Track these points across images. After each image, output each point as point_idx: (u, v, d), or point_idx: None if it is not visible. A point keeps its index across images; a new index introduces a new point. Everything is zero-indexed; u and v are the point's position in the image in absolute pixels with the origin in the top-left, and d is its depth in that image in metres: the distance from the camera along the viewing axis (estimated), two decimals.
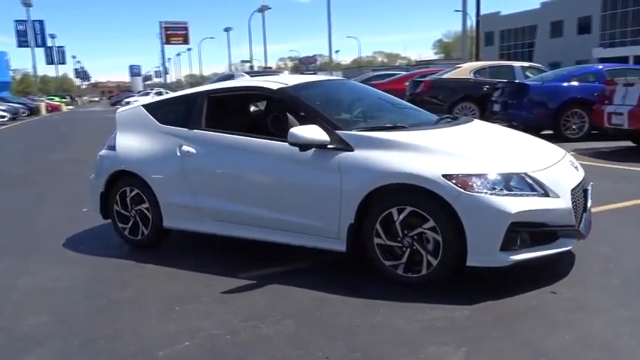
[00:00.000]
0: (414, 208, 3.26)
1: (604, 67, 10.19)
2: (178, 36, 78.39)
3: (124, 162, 4.47)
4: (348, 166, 3.45)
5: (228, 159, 3.97)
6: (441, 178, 3.15)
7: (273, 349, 2.71)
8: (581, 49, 50.64)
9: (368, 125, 3.78)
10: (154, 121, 4.47)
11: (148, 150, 4.36)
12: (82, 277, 3.94)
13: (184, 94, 4.54)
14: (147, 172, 4.32)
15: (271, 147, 3.78)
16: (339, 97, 4.35)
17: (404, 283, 3.38)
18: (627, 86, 7.97)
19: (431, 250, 3.27)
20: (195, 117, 4.24)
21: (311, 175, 3.58)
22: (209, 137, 4.10)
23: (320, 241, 3.65)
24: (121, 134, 4.63)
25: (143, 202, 4.42)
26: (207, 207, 4.07)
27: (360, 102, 4.49)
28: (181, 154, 4.16)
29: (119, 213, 4.58)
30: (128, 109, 4.85)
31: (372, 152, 3.41)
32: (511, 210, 3.07)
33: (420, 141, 3.45)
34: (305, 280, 3.59)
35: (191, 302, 3.35)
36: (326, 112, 3.76)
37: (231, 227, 4.02)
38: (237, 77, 4.78)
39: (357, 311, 3.09)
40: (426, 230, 3.25)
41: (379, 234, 3.40)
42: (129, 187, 4.48)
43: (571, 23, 56.44)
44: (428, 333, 2.78)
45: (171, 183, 4.22)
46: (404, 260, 3.37)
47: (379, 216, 3.38)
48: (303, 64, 70.69)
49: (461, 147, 3.45)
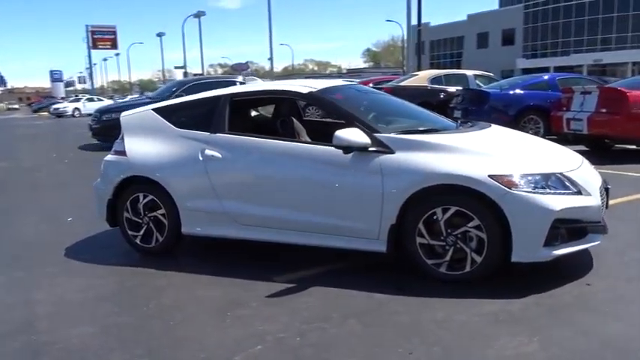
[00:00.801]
0: (458, 208, 3.39)
1: (556, 77, 10.89)
2: (106, 40, 75.23)
3: (137, 167, 4.32)
4: (390, 168, 3.53)
5: (260, 163, 3.94)
6: (487, 179, 3.30)
7: (352, 348, 2.74)
8: (505, 60, 53.55)
9: (403, 128, 3.87)
10: (169, 125, 4.35)
11: (165, 155, 4.24)
12: (106, 288, 3.77)
13: (203, 97, 4.45)
14: (164, 178, 4.20)
15: (310, 150, 3.80)
16: (360, 101, 4.42)
17: (447, 280, 3.49)
18: (585, 94, 8.58)
19: (474, 248, 3.41)
20: (218, 120, 4.17)
21: (352, 178, 3.63)
22: (237, 141, 4.05)
23: (359, 242, 3.71)
24: (130, 139, 4.47)
25: (158, 208, 4.29)
26: (234, 211, 4.02)
27: (377, 105, 4.57)
28: (204, 158, 4.08)
29: (130, 220, 4.42)
30: (134, 112, 4.69)
31: (415, 154, 3.51)
32: (555, 207, 3.26)
33: (459, 143, 3.59)
34: (347, 281, 3.63)
35: (241, 307, 3.30)
36: (362, 116, 3.83)
37: (262, 231, 3.99)
38: (247, 81, 4.68)
39: (414, 309, 3.16)
40: (471, 229, 3.39)
41: (422, 233, 3.51)
42: (142, 193, 4.34)
43: (496, 35, 59.63)
44: (494, 326, 2.90)
45: (192, 188, 4.13)
46: (447, 258, 3.48)
47: (422, 216, 3.48)
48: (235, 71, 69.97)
49: (498, 149, 3.63)
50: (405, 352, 2.67)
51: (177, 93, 12.47)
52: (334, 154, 3.67)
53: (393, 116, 4.48)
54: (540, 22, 54.71)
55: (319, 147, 3.76)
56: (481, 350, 2.66)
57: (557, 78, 10.68)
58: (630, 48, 46.66)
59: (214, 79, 13.81)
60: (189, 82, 13.17)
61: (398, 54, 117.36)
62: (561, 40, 52.78)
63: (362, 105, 4.22)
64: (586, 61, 49.08)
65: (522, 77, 11.86)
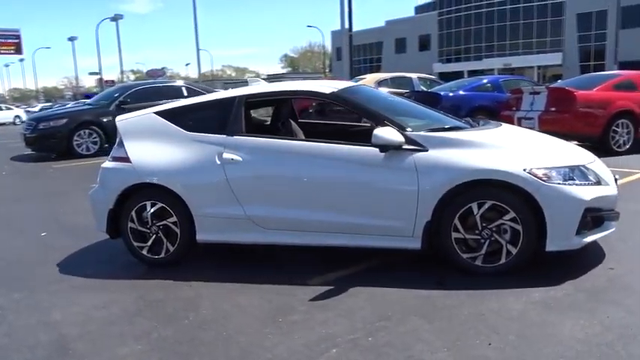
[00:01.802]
0: (494, 202, 3.50)
1: (499, 79, 11.52)
2: (9, 45, 70.07)
3: (145, 174, 4.08)
4: (425, 165, 3.58)
5: (286, 164, 3.85)
6: (523, 173, 3.43)
7: (431, 343, 2.75)
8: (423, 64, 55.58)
9: (427, 126, 3.93)
10: (178, 128, 4.15)
11: (177, 160, 4.04)
12: (130, 303, 3.53)
13: (214, 99, 4.28)
14: (177, 184, 4.00)
15: (340, 150, 3.76)
16: (378, 101, 4.41)
17: (484, 273, 3.59)
18: (534, 94, 9.13)
19: (509, 240, 3.53)
20: (235, 122, 4.03)
21: (386, 177, 3.65)
22: (258, 143, 3.94)
23: (393, 240, 3.73)
24: (132, 144, 4.22)
25: (169, 216, 4.08)
26: (258, 215, 3.90)
27: (391, 105, 4.57)
28: (222, 162, 3.93)
29: (135, 230, 4.17)
30: (133, 117, 4.41)
31: (448, 151, 3.59)
32: (585, 197, 3.46)
33: (487, 139, 3.71)
34: (384, 279, 3.64)
35: (290, 313, 3.21)
36: (392, 115, 3.86)
37: (287, 234, 3.90)
38: (251, 83, 4.50)
39: (466, 302, 3.22)
40: (506, 221, 3.51)
41: (457, 228, 3.59)
42: (150, 200, 4.11)
43: (413, 40, 61.97)
44: (551, 312, 3.02)
45: (210, 193, 3.97)
46: (483, 252, 3.59)
47: (458, 211, 3.56)
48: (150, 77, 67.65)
49: (523, 144, 3.79)
50: (483, 342, 2.72)
51: (120, 99, 11.90)
52: (367, 153, 3.67)
53: (408, 116, 4.48)
54: (454, 29, 57.55)
55: (351, 146, 3.75)
56: (554, 335, 2.76)
57: (500, 80, 11.31)
58: (536, 53, 50.23)
59: (157, 84, 13.28)
60: (133, 87, 12.58)
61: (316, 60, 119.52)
62: (474, 46, 55.79)
63: (381, 104, 4.22)
64: (497, 65, 52.13)
65: (468, 80, 12.45)
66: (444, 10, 58.46)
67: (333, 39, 73.78)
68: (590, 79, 9.52)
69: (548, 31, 49.87)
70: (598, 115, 8.47)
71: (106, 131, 11.65)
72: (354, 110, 4.03)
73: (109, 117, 11.72)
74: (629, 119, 8.63)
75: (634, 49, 39.76)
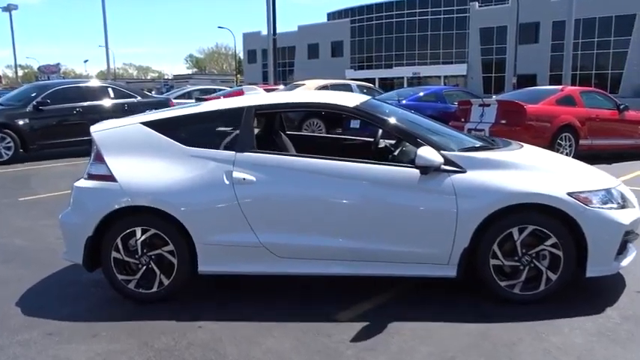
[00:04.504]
0: (536, 227, 3.33)
1: (442, 89, 11.71)
2: None
3: (136, 195, 3.49)
4: (464, 188, 3.33)
5: (308, 186, 3.43)
6: (567, 196, 3.29)
7: None
8: (335, 70, 56.42)
9: (460, 146, 3.68)
10: (174, 142, 3.59)
11: (175, 179, 3.49)
12: (135, 352, 2.94)
13: (217, 109, 3.73)
14: (176, 207, 3.46)
15: (369, 170, 3.41)
16: (401, 116, 4.00)
17: (521, 301, 3.41)
18: (483, 106, 9.31)
19: (549, 266, 3.38)
20: (245, 137, 3.56)
21: (422, 200, 3.36)
22: (274, 161, 3.49)
23: (426, 269, 3.45)
24: (116, 160, 3.60)
25: (164, 244, 3.52)
26: (274, 243, 3.45)
27: (412, 120, 4.19)
28: (232, 182, 3.44)
29: (120, 261, 3.56)
30: (114, 127, 3.78)
31: (488, 173, 3.37)
32: (625, 221, 3.38)
33: (526, 161, 3.54)
34: (420, 312, 3.35)
35: (337, 357, 2.82)
36: (426, 133, 3.57)
37: (307, 264, 3.49)
38: (247, 91, 3.94)
39: (524, 335, 3.01)
40: (547, 247, 3.35)
41: (496, 255, 3.38)
42: (140, 226, 3.52)
43: (326, 46, 62.66)
44: (614, 345, 2.88)
45: (217, 218, 3.47)
46: (522, 279, 3.40)
47: (498, 237, 3.36)
48: (43, 73, 62.70)
49: (558, 166, 3.66)
50: None
51: (38, 99, 10.68)
52: (403, 175, 3.37)
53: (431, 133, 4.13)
54: (366, 37, 58.92)
55: (384, 167, 3.42)
56: None
57: (442, 91, 11.49)
58: (442, 63, 52.66)
59: (78, 83, 12.06)
60: (52, 86, 11.33)
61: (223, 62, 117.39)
62: (384, 54, 57.44)
63: (405, 120, 3.87)
64: (406, 73, 54.11)
65: (412, 89, 12.55)
66: (356, 17, 59.68)
67: (245, 41, 72.91)
68: (532, 94, 9.89)
69: (453, 43, 52.48)
70: (545, 128, 8.79)
71: (21, 135, 10.39)
72: (382, 126, 3.68)
73: (25, 119, 10.52)
74: (571, 133, 9.04)
75: (530, 63, 42.98)
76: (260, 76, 68.78)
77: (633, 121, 10.00)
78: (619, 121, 9.75)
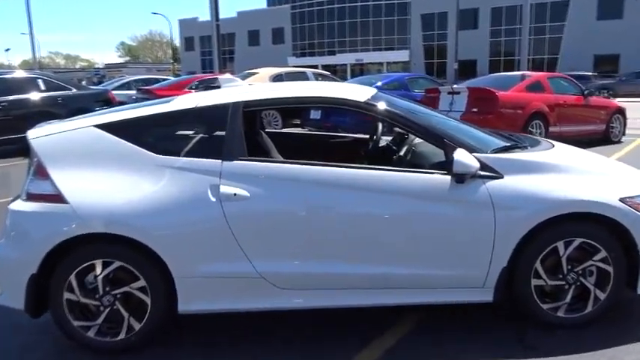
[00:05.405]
0: (584, 239, 2.84)
1: (405, 77, 11.23)
2: None
3: (91, 219, 2.72)
4: (503, 197, 2.78)
5: (316, 200, 2.77)
6: (619, 203, 2.81)
7: None
8: (277, 57, 55.33)
9: (489, 146, 3.10)
10: (141, 150, 2.84)
11: (144, 197, 2.75)
12: None
13: (194, 107, 2.97)
14: (147, 232, 2.73)
15: (395, 179, 2.80)
16: (417, 112, 3.38)
17: (565, 325, 2.93)
18: (453, 94, 8.89)
19: (596, 284, 2.90)
20: (232, 141, 2.85)
21: (454, 213, 2.78)
22: (273, 170, 2.81)
23: (456, 294, 2.89)
24: (65, 174, 2.81)
25: (133, 280, 2.79)
26: (275, 272, 2.79)
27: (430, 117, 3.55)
28: (219, 198, 2.74)
29: (75, 304, 2.80)
30: (62, 132, 2.95)
31: (528, 178, 2.83)
32: None
33: (567, 162, 3.03)
34: (448, 343, 2.79)
35: None
36: (456, 132, 2.99)
37: (319, 296, 2.85)
38: (224, 83, 3.22)
39: None
40: (596, 262, 2.87)
41: (539, 274, 2.86)
42: (102, 258, 2.77)
43: (266, 33, 61.34)
44: None
45: (200, 244, 2.76)
46: (567, 300, 2.91)
47: (541, 253, 2.84)
48: None
49: (605, 168, 3.16)
50: None
51: None
52: (433, 184, 2.79)
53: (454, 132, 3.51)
54: (307, 23, 58.03)
55: (407, 175, 2.81)
56: None
57: (405, 78, 11.02)
58: (385, 50, 52.64)
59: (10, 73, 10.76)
60: None
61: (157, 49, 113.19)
62: (327, 41, 56.78)
63: (421, 115, 3.24)
64: (349, 60, 53.76)
65: (375, 77, 11.97)
66: (296, 3, 58.62)
67: (181, 28, 70.33)
68: (501, 80, 9.58)
69: (395, 29, 52.51)
70: (517, 115, 8.49)
71: None
72: (399, 125, 3.04)
73: None
74: (541, 120, 8.78)
75: (470, 49, 43.64)
76: (199, 64, 66.62)
77: (597, 106, 9.91)
78: (585, 106, 9.62)
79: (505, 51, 45.20)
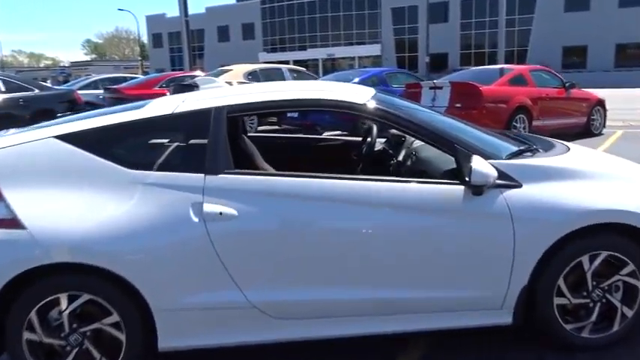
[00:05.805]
0: (610, 252, 2.57)
1: (383, 71, 10.93)
2: None
3: (54, 246, 2.32)
4: (522, 208, 2.49)
5: (315, 217, 2.43)
6: None
7: None
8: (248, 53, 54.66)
9: (504, 151, 2.80)
10: (110, 164, 2.45)
11: (115, 219, 2.37)
12: None
13: (171, 113, 2.59)
14: (119, 259, 2.35)
15: (404, 192, 2.47)
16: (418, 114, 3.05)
17: (589, 347, 2.66)
18: (435, 89, 8.64)
19: (622, 300, 2.65)
20: (217, 153, 2.48)
21: (469, 228, 2.48)
22: (265, 185, 2.45)
23: (472, 317, 2.59)
24: (23, 195, 2.40)
25: (105, 314, 2.42)
26: (269, 301, 2.45)
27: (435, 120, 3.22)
28: (204, 218, 2.38)
29: (37, 344, 2.42)
30: (17, 145, 2.52)
31: (549, 186, 2.55)
32: None
33: (589, 167, 2.74)
34: None
35: None
36: (469, 138, 2.68)
37: (320, 325, 2.52)
38: (202, 85, 2.89)
39: None
40: (623, 276, 2.61)
41: (561, 292, 2.59)
42: (67, 291, 2.39)
43: (236, 29, 60.48)
44: None
45: (181, 272, 2.40)
46: (593, 319, 2.64)
47: (564, 269, 2.57)
48: None
49: (628, 171, 2.88)
50: None
51: None
52: (443, 196, 2.47)
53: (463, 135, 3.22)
54: (277, 18, 57.34)
55: (420, 186, 2.49)
56: None
57: (384, 73, 10.74)
58: (356, 44, 52.39)
59: None
60: None
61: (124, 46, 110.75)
62: (298, 36, 56.22)
63: (426, 118, 2.91)
64: (320, 55, 53.34)
65: (352, 72, 11.66)
66: None
67: (149, 24, 68.87)
68: (482, 74, 9.38)
69: (366, 23, 52.25)
70: (502, 110, 8.30)
71: None
72: (404, 130, 2.69)
73: None
74: (524, 114, 8.61)
75: (441, 42, 43.77)
76: (168, 61, 65.36)
77: (579, 98, 9.80)
78: (566, 99, 9.49)
79: (475, 44, 45.44)
